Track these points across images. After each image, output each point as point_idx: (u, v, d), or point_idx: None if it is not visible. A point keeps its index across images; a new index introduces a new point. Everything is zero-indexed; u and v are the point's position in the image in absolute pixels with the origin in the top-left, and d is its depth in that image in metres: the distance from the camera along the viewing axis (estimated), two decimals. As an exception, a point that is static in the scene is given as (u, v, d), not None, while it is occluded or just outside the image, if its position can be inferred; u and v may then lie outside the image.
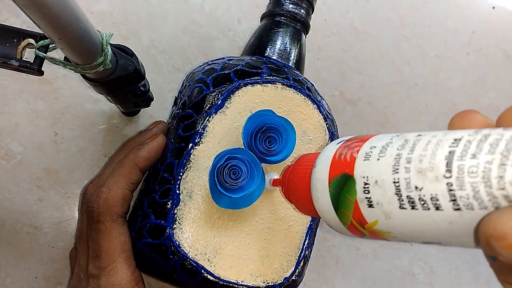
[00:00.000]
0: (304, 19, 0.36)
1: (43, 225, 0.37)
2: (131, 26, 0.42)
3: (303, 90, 0.32)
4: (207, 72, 0.32)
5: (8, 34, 0.27)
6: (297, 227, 0.31)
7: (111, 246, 0.28)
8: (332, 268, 0.41)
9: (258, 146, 0.30)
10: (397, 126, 0.44)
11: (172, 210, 0.29)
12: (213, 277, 0.28)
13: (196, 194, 0.29)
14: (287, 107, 0.32)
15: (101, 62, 0.27)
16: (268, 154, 0.30)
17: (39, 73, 0.27)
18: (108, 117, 0.40)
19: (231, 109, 0.30)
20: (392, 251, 0.42)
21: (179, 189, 0.29)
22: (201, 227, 0.29)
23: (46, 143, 0.38)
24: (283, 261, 0.31)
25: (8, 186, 0.37)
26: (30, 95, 0.39)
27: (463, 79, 0.47)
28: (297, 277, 0.31)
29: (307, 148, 0.32)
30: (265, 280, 0.30)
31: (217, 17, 0.44)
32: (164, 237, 0.28)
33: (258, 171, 0.29)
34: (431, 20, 0.48)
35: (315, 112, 0.32)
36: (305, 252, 0.31)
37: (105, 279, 0.28)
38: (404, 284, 0.42)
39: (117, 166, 0.30)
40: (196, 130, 0.30)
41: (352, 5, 0.46)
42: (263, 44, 0.35)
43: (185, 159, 0.29)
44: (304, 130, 0.32)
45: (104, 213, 0.29)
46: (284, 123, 0.30)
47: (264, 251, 0.30)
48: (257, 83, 0.31)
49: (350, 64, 0.45)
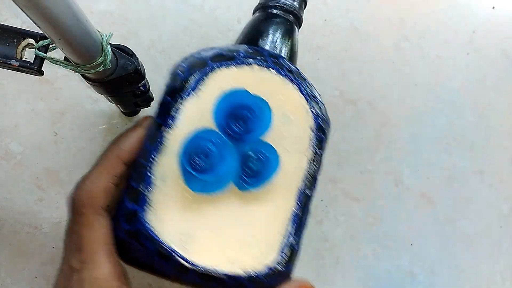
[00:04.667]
0: (296, 12, 0.35)
1: (43, 225, 0.37)
2: (131, 26, 0.42)
3: (282, 71, 0.31)
4: (187, 59, 0.32)
5: (8, 34, 0.27)
6: (280, 212, 0.30)
7: (93, 238, 0.28)
8: (332, 269, 0.41)
9: (231, 125, 0.29)
10: (397, 126, 0.44)
11: (146, 195, 0.28)
12: (188, 263, 0.28)
13: (170, 177, 0.29)
14: (264, 88, 0.31)
15: (101, 62, 0.27)
16: (242, 133, 0.29)
17: (39, 73, 0.27)
18: (108, 117, 0.40)
19: (204, 92, 0.30)
20: (392, 251, 0.42)
21: (152, 173, 0.28)
22: (175, 211, 0.28)
23: (46, 143, 0.38)
24: (264, 248, 0.29)
25: (8, 186, 0.37)
26: (30, 95, 0.39)
27: (463, 79, 0.47)
28: (283, 267, 0.29)
29: (288, 130, 0.31)
30: (244, 267, 0.29)
31: (217, 17, 0.44)
32: (138, 222, 0.28)
33: (229, 151, 0.29)
34: (431, 20, 0.48)
35: (296, 94, 0.31)
36: (290, 239, 0.30)
37: (87, 272, 0.27)
38: (404, 284, 0.42)
39: (100, 159, 0.30)
40: (170, 114, 0.29)
41: (352, 5, 0.46)
42: (255, 37, 0.34)
43: (158, 143, 0.29)
44: (284, 111, 0.31)
45: (86, 205, 0.28)
46: (258, 101, 0.30)
47: (243, 237, 0.29)
48: (232, 65, 0.30)
49: (350, 64, 0.45)
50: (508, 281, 0.43)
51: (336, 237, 0.41)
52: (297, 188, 0.31)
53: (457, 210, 0.44)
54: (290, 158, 0.31)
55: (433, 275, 0.42)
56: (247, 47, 0.33)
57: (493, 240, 0.44)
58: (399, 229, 0.42)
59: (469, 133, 0.45)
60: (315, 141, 0.32)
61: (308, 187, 0.31)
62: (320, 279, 0.41)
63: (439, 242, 0.43)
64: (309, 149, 0.31)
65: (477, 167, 0.45)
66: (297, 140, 0.31)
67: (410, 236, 0.42)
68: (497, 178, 0.45)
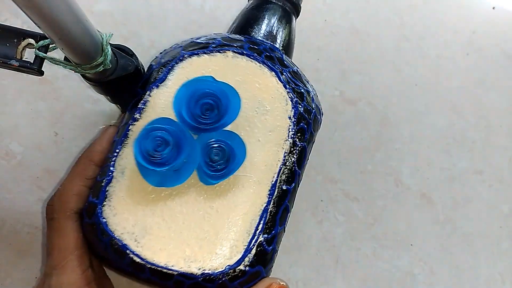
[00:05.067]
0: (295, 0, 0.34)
1: (43, 225, 0.37)
2: (131, 26, 0.42)
3: (258, 58, 0.29)
4: (163, 51, 0.31)
5: (8, 34, 0.27)
6: (247, 208, 0.27)
7: (63, 243, 0.28)
8: (332, 268, 0.41)
9: (191, 114, 0.27)
10: (397, 126, 0.44)
11: (105, 188, 0.27)
12: (139, 258, 0.26)
13: (129, 170, 0.27)
14: (238, 76, 0.29)
15: (101, 62, 0.27)
16: (204, 123, 0.27)
17: (39, 73, 0.27)
18: (108, 117, 0.40)
19: (173, 81, 0.29)
20: (392, 251, 0.42)
21: (114, 166, 0.28)
22: (132, 205, 0.27)
23: (46, 143, 0.38)
24: (227, 247, 0.27)
25: (8, 186, 0.37)
26: (30, 95, 0.39)
27: (463, 79, 0.47)
28: (249, 267, 0.27)
29: (262, 119, 0.29)
30: (201, 266, 0.26)
31: (217, 17, 0.44)
32: (95, 215, 0.27)
33: (187, 141, 0.27)
34: (431, 20, 0.48)
35: (273, 80, 0.29)
36: (259, 238, 0.27)
37: (56, 277, 0.27)
38: (404, 284, 0.42)
39: (73, 164, 0.30)
40: (137, 106, 0.29)
41: (352, 5, 0.46)
42: (249, 24, 0.33)
43: (123, 136, 0.28)
44: (260, 99, 0.29)
45: (58, 210, 0.28)
46: (223, 88, 0.27)
47: (204, 234, 0.27)
48: (203, 54, 0.29)
49: (350, 64, 0.45)
50: (508, 281, 0.43)
51: (336, 237, 0.41)
52: (270, 182, 0.28)
53: (457, 210, 0.44)
54: (262, 150, 0.28)
55: (433, 275, 0.42)
56: (226, 34, 0.31)
57: (493, 240, 0.44)
58: (399, 229, 0.42)
59: (469, 133, 0.45)
60: (294, 131, 0.29)
61: (285, 181, 0.29)
62: (320, 279, 0.41)
63: (439, 242, 0.43)
64: (286, 140, 0.29)
65: (477, 167, 0.45)
66: (272, 130, 0.29)
67: (410, 236, 0.42)
68: (497, 178, 0.45)
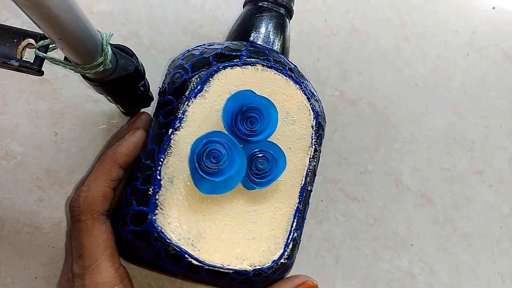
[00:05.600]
0: (287, 4, 0.36)
1: (43, 225, 0.37)
2: (131, 26, 0.42)
3: (284, 71, 0.32)
4: (187, 57, 0.32)
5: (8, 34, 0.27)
6: (284, 209, 0.31)
7: (93, 244, 0.28)
8: (332, 268, 0.41)
9: (239, 127, 0.30)
10: (397, 126, 0.44)
11: (154, 196, 0.28)
12: (197, 261, 0.28)
13: (178, 179, 0.29)
14: (268, 88, 0.31)
15: (101, 62, 0.27)
16: (250, 134, 0.30)
17: (39, 73, 0.27)
18: (108, 117, 0.40)
19: (210, 93, 0.30)
20: (392, 251, 0.42)
21: (160, 174, 0.29)
22: (184, 212, 0.29)
23: (46, 143, 0.38)
24: (271, 244, 0.30)
25: (8, 186, 0.37)
26: (30, 95, 0.39)
27: (463, 79, 0.47)
28: (287, 260, 0.31)
29: (291, 129, 0.32)
30: (252, 263, 0.30)
31: (217, 17, 0.44)
32: (147, 223, 0.28)
33: (238, 153, 0.29)
34: (431, 20, 0.48)
35: (298, 93, 0.32)
36: (294, 234, 0.31)
37: (89, 278, 0.28)
38: (404, 284, 0.42)
39: (97, 164, 0.30)
40: (176, 116, 0.30)
41: (352, 6, 0.46)
42: (247, 30, 0.35)
43: (165, 144, 0.29)
44: (288, 111, 0.32)
45: (84, 211, 0.29)
46: (265, 102, 0.30)
47: (251, 234, 0.30)
48: (236, 66, 0.31)
49: (350, 64, 0.45)
50: (508, 281, 0.43)
51: (336, 237, 0.41)
52: (300, 184, 0.32)
53: (457, 210, 0.44)
54: (293, 156, 0.32)
55: (433, 275, 0.42)
56: (248, 45, 0.33)
57: (493, 240, 0.44)
58: (399, 229, 0.42)
59: (469, 133, 0.45)
60: (315, 138, 0.33)
61: (309, 183, 0.32)
62: (320, 279, 0.41)
63: (439, 242, 0.43)
64: (310, 146, 0.32)
65: (477, 167, 0.45)
66: (299, 139, 0.32)
67: (410, 236, 0.42)
68: (497, 178, 0.45)
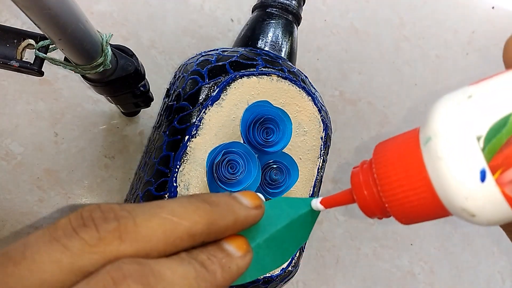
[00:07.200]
0: (296, 11, 0.36)
1: (44, 225, 0.37)
2: (131, 27, 0.42)
3: (298, 82, 0.32)
4: (202, 63, 0.32)
5: (8, 34, 0.27)
6: None
7: None
8: (332, 268, 0.41)
9: (256, 137, 0.30)
10: (397, 126, 0.44)
11: None
12: None
13: (194, 186, 0.29)
14: (282, 99, 0.32)
15: (101, 62, 0.27)
16: (266, 145, 0.30)
17: (39, 74, 0.27)
18: (108, 117, 0.40)
19: (227, 101, 0.30)
20: (392, 251, 0.42)
21: (176, 181, 0.29)
22: None
23: (46, 143, 0.38)
24: None
25: (8, 186, 0.37)
26: (30, 96, 0.39)
27: (463, 79, 0.47)
28: (293, 268, 0.31)
29: (302, 140, 0.32)
30: None
31: (217, 17, 0.44)
32: None
33: (254, 164, 0.30)
34: (431, 20, 0.48)
35: (310, 104, 0.32)
36: None
37: None
38: (404, 284, 0.42)
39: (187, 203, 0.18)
40: (192, 122, 0.30)
41: (352, 5, 0.46)
42: (255, 36, 0.35)
43: (181, 151, 0.29)
44: (299, 122, 0.32)
45: None
46: (280, 113, 0.31)
47: None
48: (253, 75, 0.31)
49: (350, 64, 0.45)
50: (508, 281, 0.43)
51: (336, 237, 0.41)
52: (308, 194, 0.32)
53: (457, 210, 0.44)
54: (303, 167, 0.32)
55: (433, 275, 0.42)
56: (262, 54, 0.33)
57: (493, 240, 0.44)
58: (399, 229, 0.42)
59: (469, 133, 0.45)
60: (323, 149, 0.33)
61: (316, 193, 0.33)
62: (320, 279, 0.41)
63: (439, 242, 0.43)
64: (319, 157, 0.33)
65: (477, 167, 0.45)
66: (309, 150, 0.33)
67: (410, 236, 0.42)
68: (497, 178, 0.45)
